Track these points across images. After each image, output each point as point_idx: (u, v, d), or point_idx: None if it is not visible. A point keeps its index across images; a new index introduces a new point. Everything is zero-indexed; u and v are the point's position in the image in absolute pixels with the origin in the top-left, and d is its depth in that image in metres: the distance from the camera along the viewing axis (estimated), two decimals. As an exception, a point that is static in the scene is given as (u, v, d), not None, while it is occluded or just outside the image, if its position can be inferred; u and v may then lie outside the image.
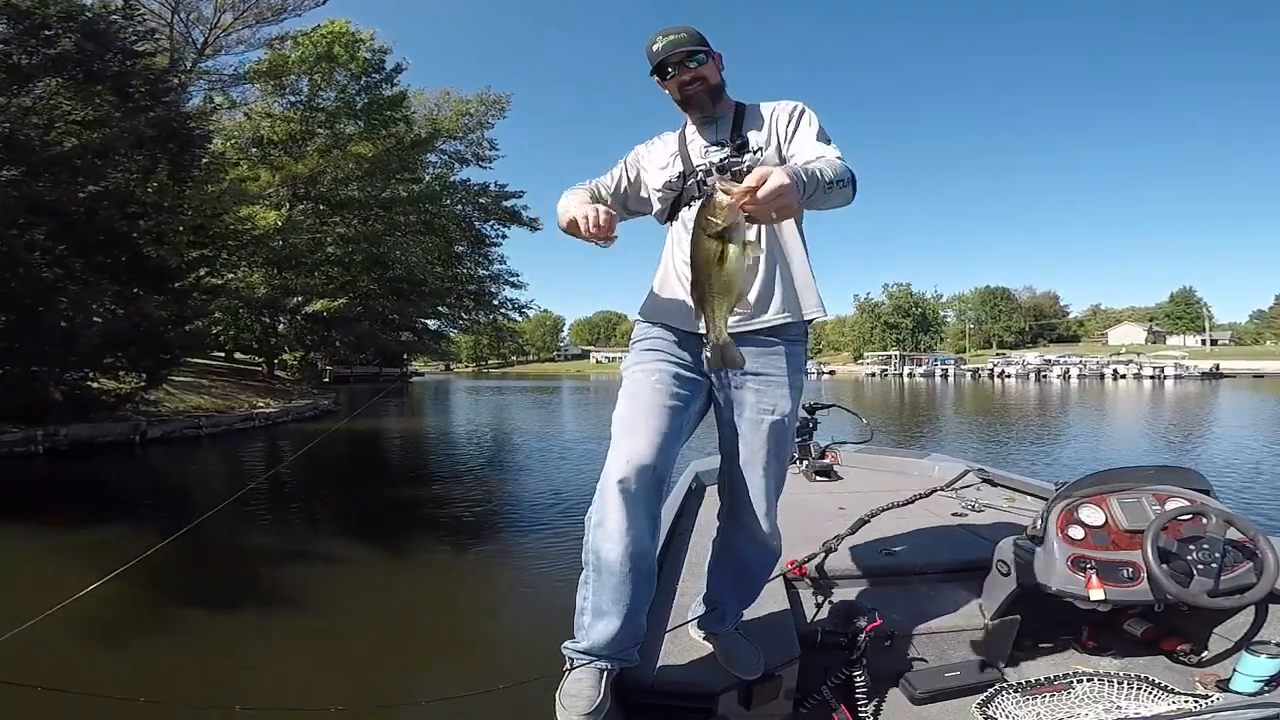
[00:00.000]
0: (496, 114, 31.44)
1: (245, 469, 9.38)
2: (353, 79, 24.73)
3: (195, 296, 10.80)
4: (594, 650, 1.27)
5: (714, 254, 1.13)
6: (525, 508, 6.54)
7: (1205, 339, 78.40)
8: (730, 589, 1.52)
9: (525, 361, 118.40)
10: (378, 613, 3.69)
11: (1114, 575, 1.52)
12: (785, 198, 1.08)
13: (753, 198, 1.06)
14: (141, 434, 10.16)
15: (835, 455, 3.45)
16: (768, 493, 1.44)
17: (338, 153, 22.04)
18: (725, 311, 1.19)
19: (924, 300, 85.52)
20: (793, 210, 1.17)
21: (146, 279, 8.78)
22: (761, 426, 1.41)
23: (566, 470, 8.71)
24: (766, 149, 1.42)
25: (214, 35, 22.27)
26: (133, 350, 9.07)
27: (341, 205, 23.27)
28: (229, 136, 23.04)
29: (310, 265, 22.58)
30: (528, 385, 45.81)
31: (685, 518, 2.49)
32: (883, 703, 1.60)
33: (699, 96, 1.44)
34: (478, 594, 4.28)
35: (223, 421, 12.53)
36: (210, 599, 3.75)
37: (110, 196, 7.95)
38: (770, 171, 1.08)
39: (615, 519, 1.25)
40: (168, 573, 3.78)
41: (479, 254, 32.67)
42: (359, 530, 5.51)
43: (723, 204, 1.09)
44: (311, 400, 17.86)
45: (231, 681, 2.84)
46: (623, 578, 1.25)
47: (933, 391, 33.32)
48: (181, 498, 7.27)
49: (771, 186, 1.06)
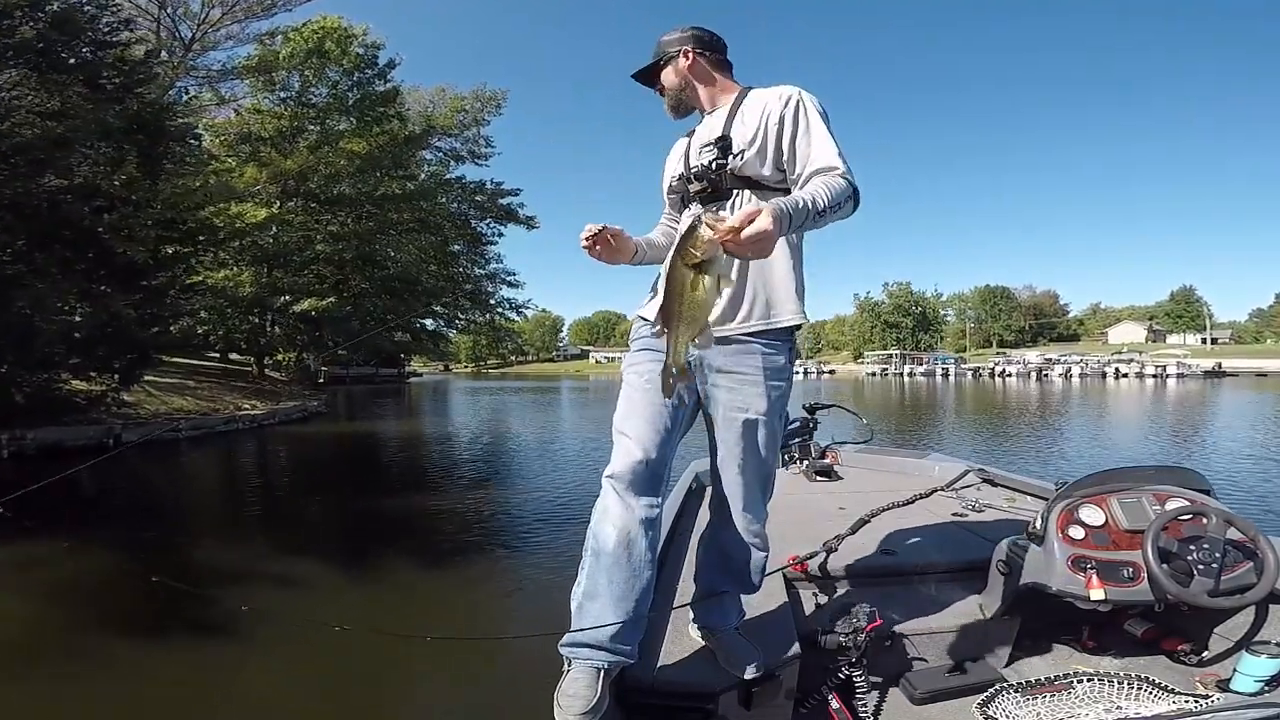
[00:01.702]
0: (492, 110, 31.22)
1: (206, 473, 9.07)
2: (345, 74, 24.43)
3: (172, 295, 10.44)
4: (589, 642, 1.26)
5: (687, 283, 1.12)
6: (519, 509, 6.26)
7: (1206, 338, 78.11)
8: (717, 576, 1.53)
9: (524, 362, 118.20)
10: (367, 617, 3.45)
11: (1114, 575, 1.52)
12: (765, 242, 1.09)
13: (735, 237, 1.07)
14: (115, 437, 9.80)
15: (835, 455, 3.44)
16: (745, 488, 1.44)
17: (328, 149, 21.67)
18: (687, 339, 1.18)
19: (924, 299, 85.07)
20: (770, 252, 1.16)
21: (115, 276, 8.41)
22: (734, 424, 1.41)
23: (562, 471, 8.42)
24: (750, 149, 1.38)
25: (202, 31, 21.96)
26: (100, 351, 8.70)
27: (332, 202, 22.90)
28: (218, 133, 22.74)
29: (300, 263, 22.25)
30: (526, 385, 45.55)
31: (685, 518, 2.48)
32: (883, 703, 1.59)
33: (671, 102, 1.52)
34: (470, 598, 4.07)
35: (204, 424, 12.16)
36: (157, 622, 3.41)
37: (75, 190, 7.58)
38: (758, 212, 1.08)
39: (614, 508, 1.30)
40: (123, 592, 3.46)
41: (475, 253, 32.37)
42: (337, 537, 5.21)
43: (704, 238, 1.08)
44: (300, 402, 17.48)
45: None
46: (616, 561, 1.27)
47: (933, 391, 33.12)
48: (134, 504, 6.93)
49: (755, 230, 1.06)
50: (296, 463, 10.42)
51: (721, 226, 1.07)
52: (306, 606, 3.72)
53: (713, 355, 1.40)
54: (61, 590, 3.90)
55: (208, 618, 3.32)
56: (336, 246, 23.41)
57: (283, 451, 11.52)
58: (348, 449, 12.31)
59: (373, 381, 43.30)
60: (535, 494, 6.98)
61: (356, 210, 23.82)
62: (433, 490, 7.62)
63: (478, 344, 74.18)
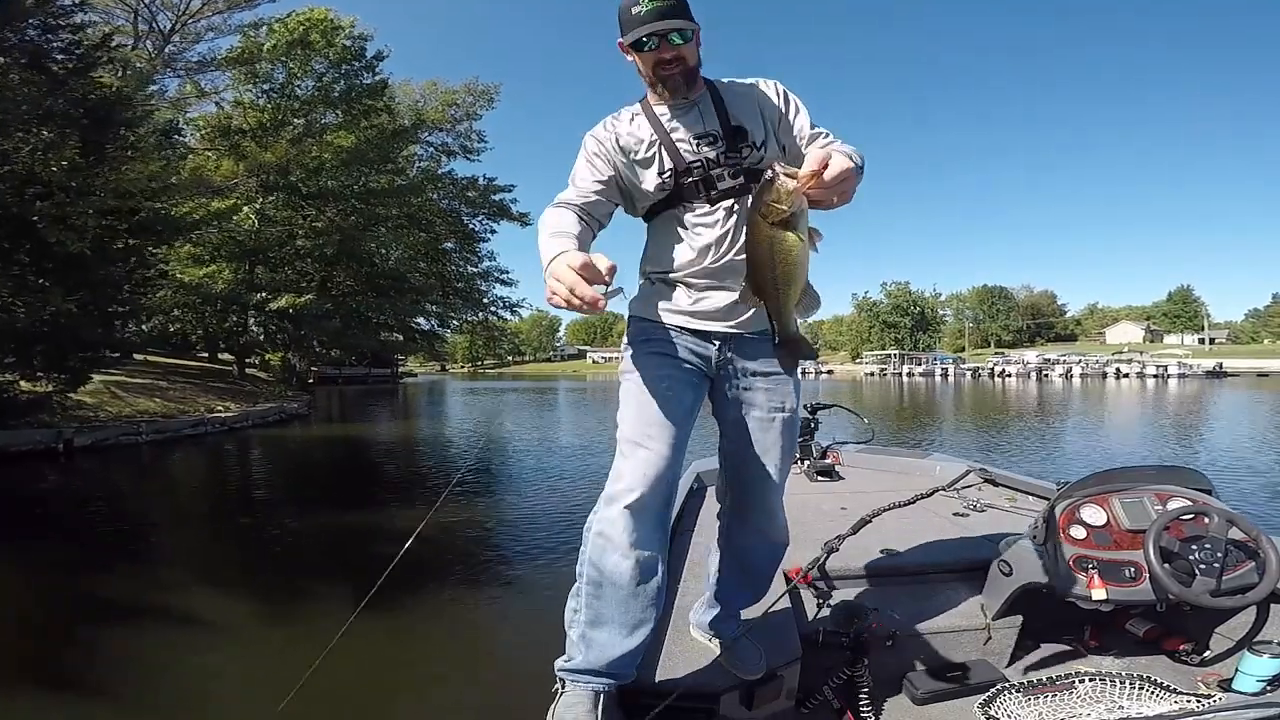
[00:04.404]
0: (485, 105, 30.64)
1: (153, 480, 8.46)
2: (331, 66, 23.81)
3: (126, 290, 9.83)
4: (591, 668, 1.20)
5: (778, 243, 1.06)
6: (512, 516, 5.91)
7: (1204, 338, 77.85)
8: (740, 589, 1.52)
9: (521, 361, 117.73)
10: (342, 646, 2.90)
11: (1116, 575, 1.52)
12: (849, 181, 1.07)
13: (818, 181, 1.04)
14: (66, 441, 9.22)
15: (836, 455, 3.43)
16: (777, 490, 1.42)
17: (310, 141, 21.04)
18: (792, 305, 1.11)
19: (923, 299, 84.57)
20: (852, 195, 1.12)
21: (56, 269, 7.79)
22: (774, 424, 1.38)
23: (552, 476, 7.98)
24: (769, 140, 1.33)
25: (182, 21, 21.37)
26: (39, 349, 8.09)
27: (315, 196, 22.23)
28: (198, 127, 22.14)
29: (279, 259, 21.62)
30: (522, 386, 45.06)
31: (685, 517, 2.45)
32: (884, 703, 1.58)
33: (674, 80, 1.30)
34: (456, 626, 3.65)
35: (168, 427, 11.54)
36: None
37: (6, 176, 6.97)
38: (829, 154, 1.06)
39: (625, 532, 1.19)
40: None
41: (467, 250, 31.72)
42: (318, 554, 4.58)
43: (788, 188, 1.03)
44: (277, 404, 16.86)
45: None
46: (632, 594, 1.20)
47: (932, 391, 32.77)
48: (50, 513, 6.35)
49: (837, 169, 1.04)
50: (252, 471, 9.80)
51: (802, 173, 1.03)
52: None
53: (748, 357, 1.36)
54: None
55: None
56: (317, 242, 22.78)
57: (247, 457, 10.92)
58: (318, 455, 11.69)
59: (365, 382, 42.70)
60: (514, 513, 6.42)
61: (341, 205, 23.15)
62: (394, 504, 6.91)
63: (474, 344, 73.48)
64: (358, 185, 23.45)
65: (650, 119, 1.34)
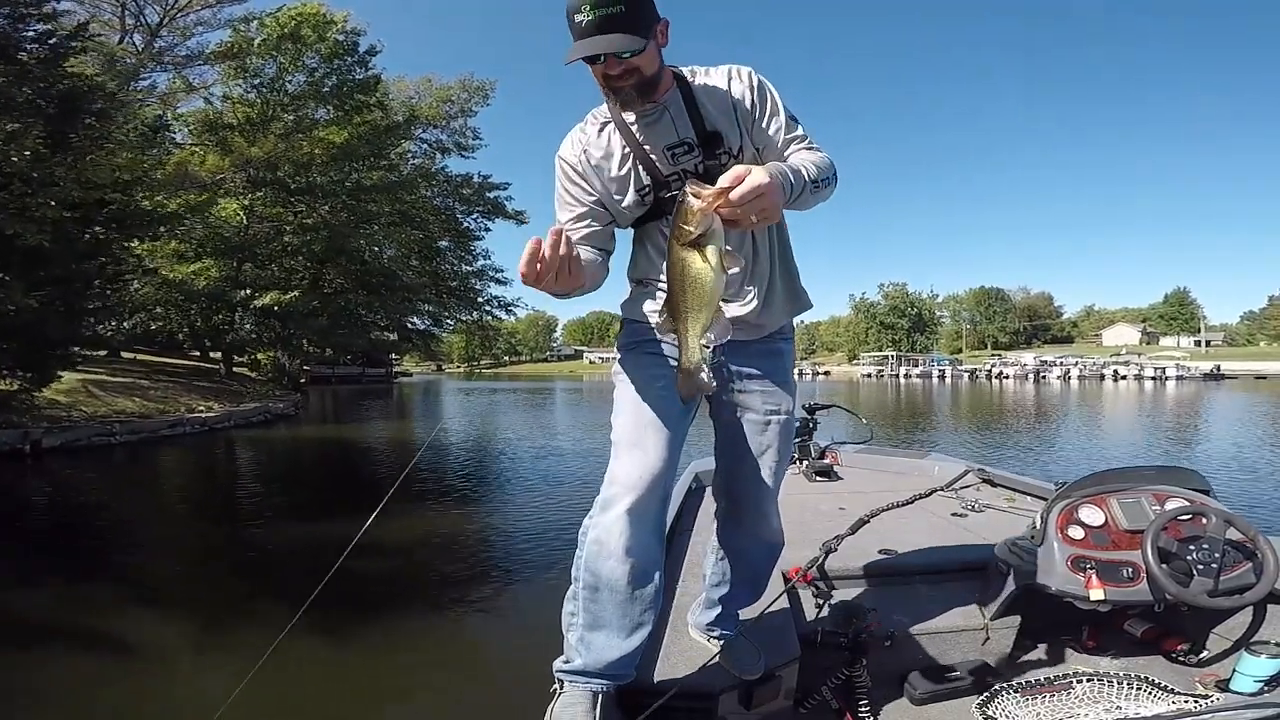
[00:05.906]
0: (480, 101, 30.28)
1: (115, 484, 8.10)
2: (323, 61, 23.49)
3: (97, 286, 9.51)
4: (589, 669, 1.20)
5: (687, 266, 0.99)
6: (511, 517, 5.79)
7: (1200, 340, 77.91)
8: (738, 589, 1.50)
9: (518, 362, 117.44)
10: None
11: (1114, 575, 1.52)
12: (766, 199, 0.97)
13: (726, 200, 0.95)
14: (34, 442, 8.91)
15: (835, 456, 3.43)
16: (772, 493, 1.41)
17: (300, 136, 20.70)
18: (700, 331, 1.04)
19: (920, 300, 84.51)
20: (777, 214, 1.05)
21: (17, 263, 7.45)
22: (770, 428, 1.38)
23: (550, 477, 7.82)
24: (744, 145, 1.23)
25: (170, 15, 21.04)
26: (1, 347, 7.76)
27: (302, 192, 21.87)
28: (185, 122, 21.79)
29: (266, 256, 21.26)
30: (519, 386, 44.79)
31: (684, 517, 2.44)
32: (883, 703, 1.57)
33: (627, 93, 1.14)
34: (451, 630, 3.62)
35: (143, 428, 11.21)
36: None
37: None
38: (747, 170, 0.96)
39: (621, 537, 1.16)
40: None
41: (462, 248, 31.39)
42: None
43: (694, 209, 0.96)
44: (262, 404, 16.54)
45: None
46: (628, 597, 1.19)
47: (929, 393, 32.65)
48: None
49: (748, 187, 0.95)
50: (224, 473, 9.45)
51: (707, 192, 0.95)
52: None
53: (742, 361, 1.35)
54: None
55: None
56: (305, 238, 22.43)
57: (223, 458, 10.59)
58: (301, 456, 11.34)
59: (359, 382, 42.41)
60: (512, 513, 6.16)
61: (331, 201, 22.80)
62: (368, 509, 6.62)
63: (470, 344, 73.06)
64: (349, 181, 23.10)
65: (622, 130, 1.23)
